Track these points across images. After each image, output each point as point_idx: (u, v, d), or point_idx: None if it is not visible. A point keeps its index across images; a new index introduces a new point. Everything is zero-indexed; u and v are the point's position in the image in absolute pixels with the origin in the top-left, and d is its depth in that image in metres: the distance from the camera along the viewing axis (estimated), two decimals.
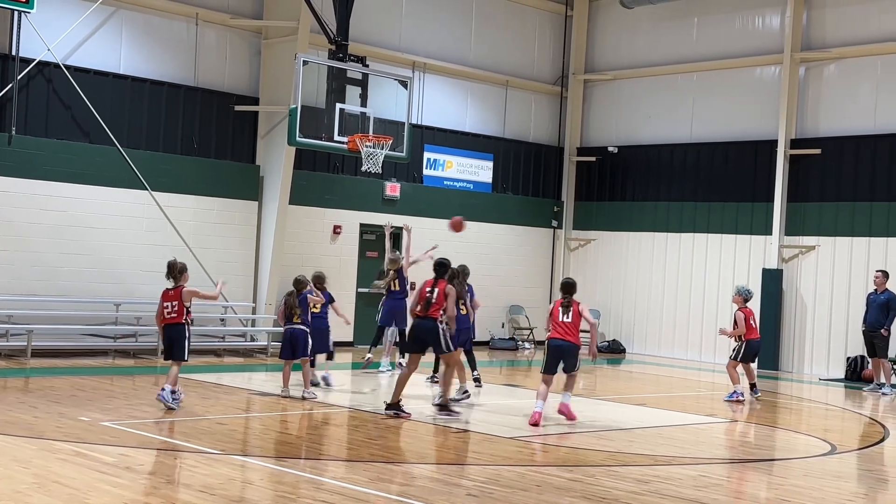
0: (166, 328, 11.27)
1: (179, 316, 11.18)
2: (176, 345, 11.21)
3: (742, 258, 20.91)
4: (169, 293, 11.27)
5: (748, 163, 21.07)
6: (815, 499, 8.49)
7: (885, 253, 18.90)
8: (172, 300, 11.20)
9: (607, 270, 23.06)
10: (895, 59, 19.23)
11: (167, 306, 11.21)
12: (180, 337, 11.19)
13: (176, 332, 11.20)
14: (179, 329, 11.20)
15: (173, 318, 11.19)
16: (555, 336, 11.55)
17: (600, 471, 9.07)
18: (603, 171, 23.37)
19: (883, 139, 19.27)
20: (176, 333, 11.20)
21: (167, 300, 11.24)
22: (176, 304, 11.19)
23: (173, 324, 11.21)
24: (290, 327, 12.63)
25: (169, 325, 11.24)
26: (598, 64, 23.71)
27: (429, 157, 21.39)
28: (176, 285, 11.26)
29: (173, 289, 11.26)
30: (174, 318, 11.19)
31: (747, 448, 11.48)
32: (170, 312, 11.20)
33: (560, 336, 11.50)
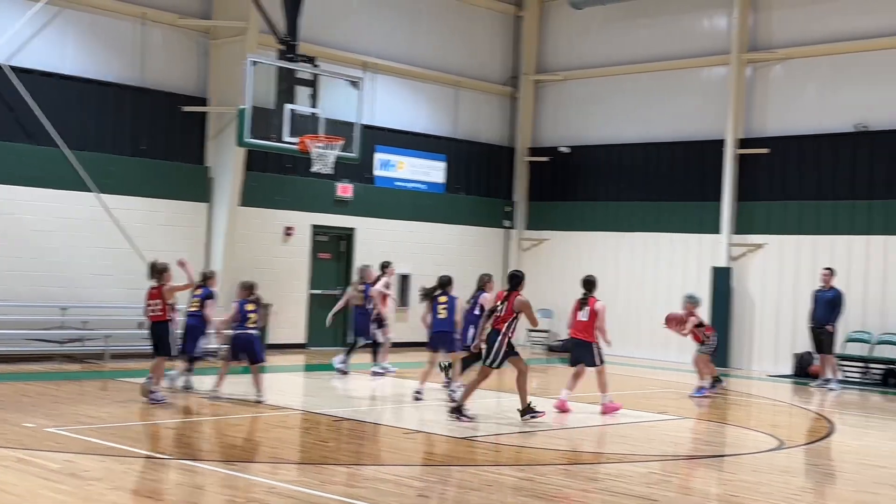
0: (152, 325, 11.89)
1: (164, 314, 11.79)
2: (161, 342, 11.86)
3: (692, 257, 21.11)
4: (152, 292, 11.86)
5: (697, 162, 21.28)
6: (764, 493, 8.58)
7: (832, 251, 19.19)
8: (156, 298, 11.81)
9: (560, 270, 23.15)
10: (840, 59, 19.54)
11: (150, 304, 11.83)
12: (164, 334, 11.82)
13: (160, 329, 11.83)
14: (163, 326, 11.81)
15: (158, 316, 11.82)
16: (571, 334, 13.01)
17: (552, 469, 9.10)
18: (555, 171, 23.47)
19: (828, 138, 19.56)
20: (160, 330, 11.84)
21: (151, 299, 11.87)
22: (159, 303, 11.80)
23: (158, 321, 11.83)
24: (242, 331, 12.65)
25: (154, 323, 11.87)
26: (549, 64, 23.82)
27: (380, 158, 21.34)
28: (158, 284, 11.77)
29: (156, 287, 11.80)
30: (159, 315, 11.82)
31: (697, 444, 11.58)
32: (153, 310, 11.83)
33: (573, 334, 12.87)
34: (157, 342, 11.92)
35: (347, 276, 20.74)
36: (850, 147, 19.29)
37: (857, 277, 18.81)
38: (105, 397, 12.76)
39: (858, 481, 9.46)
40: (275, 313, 13.15)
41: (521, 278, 12.01)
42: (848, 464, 10.51)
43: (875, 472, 9.88)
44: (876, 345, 18.45)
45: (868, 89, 19.19)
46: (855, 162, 19.24)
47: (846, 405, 15.56)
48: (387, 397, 14.28)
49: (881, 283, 18.65)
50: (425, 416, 12.41)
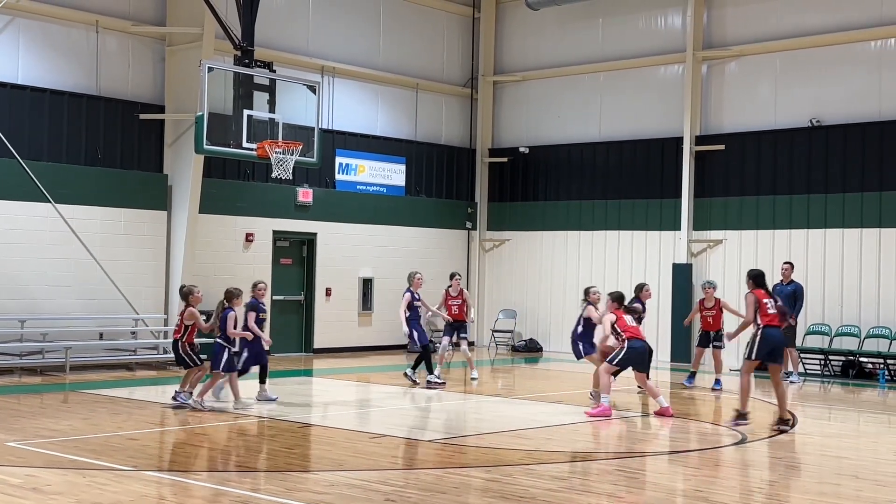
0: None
1: (176, 333, 12.81)
2: (177, 357, 12.88)
3: (652, 254, 21.28)
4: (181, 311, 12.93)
5: (655, 160, 21.45)
6: (728, 488, 8.66)
7: (789, 244, 19.43)
8: (180, 317, 12.83)
9: (522, 270, 23.25)
10: (793, 55, 19.79)
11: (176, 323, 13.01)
12: (175, 350, 12.78)
13: (174, 345, 12.87)
14: (175, 344, 12.78)
15: (175, 335, 12.88)
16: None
17: (518, 470, 9.12)
18: (515, 172, 23.55)
19: (783, 134, 19.81)
20: (174, 347, 12.85)
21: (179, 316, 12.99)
22: (178, 320, 12.87)
23: (174, 338, 12.87)
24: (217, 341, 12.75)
25: (174, 339, 12.93)
26: (507, 65, 23.90)
27: (341, 162, 21.29)
28: (186, 305, 12.80)
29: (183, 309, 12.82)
30: (175, 333, 12.93)
31: (662, 440, 11.66)
32: (176, 329, 12.88)
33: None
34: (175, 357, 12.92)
35: (310, 281, 20.68)
36: (805, 142, 19.54)
37: (815, 271, 19.05)
38: (66, 410, 12.61)
39: (821, 473, 9.58)
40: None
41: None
42: (810, 455, 10.64)
43: (837, 464, 10.00)
44: (835, 337, 18.70)
45: (821, 85, 19.45)
46: (810, 157, 19.49)
47: (807, 398, 15.74)
48: (351, 402, 14.24)
49: (838, 276, 18.91)
50: (391, 420, 12.39)
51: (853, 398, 16.10)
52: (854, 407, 15.17)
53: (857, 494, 8.50)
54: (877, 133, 18.71)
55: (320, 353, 20.33)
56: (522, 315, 23.07)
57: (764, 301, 12.04)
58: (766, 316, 11.96)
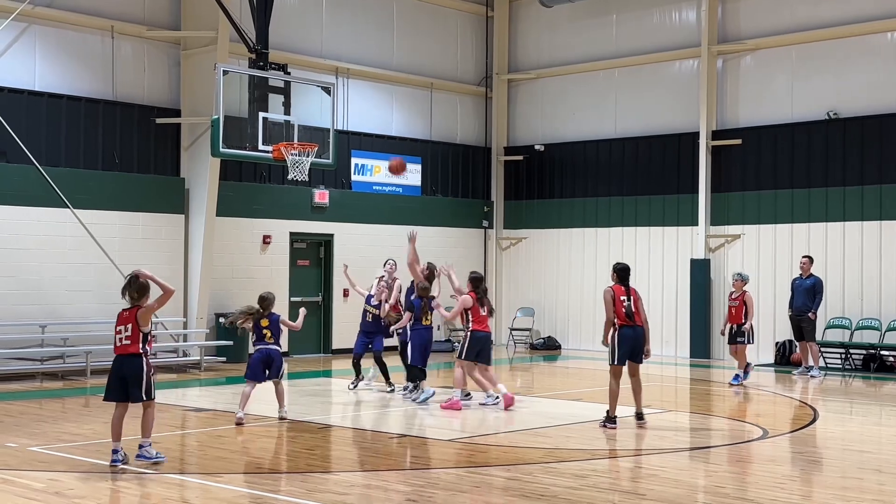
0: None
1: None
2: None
3: (670, 249, 21.21)
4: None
5: (672, 156, 21.38)
6: (750, 483, 8.63)
7: (808, 238, 19.33)
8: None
9: (539, 268, 23.22)
10: (808, 48, 19.69)
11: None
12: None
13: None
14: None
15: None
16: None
17: (538, 468, 9.11)
18: (531, 170, 23.53)
19: (800, 127, 19.70)
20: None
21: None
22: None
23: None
24: (266, 347, 12.03)
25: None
26: (521, 63, 23.87)
27: (356, 163, 21.32)
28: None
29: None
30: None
31: (682, 436, 11.62)
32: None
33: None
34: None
35: (327, 282, 20.72)
36: (822, 135, 19.43)
37: (835, 264, 18.94)
38: (87, 414, 12.68)
39: (843, 467, 9.53)
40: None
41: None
42: (832, 450, 10.59)
43: (859, 458, 9.95)
44: (855, 330, 18.59)
45: (837, 77, 19.34)
46: (827, 150, 19.38)
47: (828, 392, 15.66)
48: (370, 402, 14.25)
49: (858, 269, 18.79)
50: (409, 421, 12.40)
51: (874, 392, 16.00)
52: (875, 401, 15.07)
53: (881, 488, 8.46)
54: (893, 124, 18.58)
55: (338, 354, 20.36)
56: (540, 313, 23.04)
57: (620, 298, 11.50)
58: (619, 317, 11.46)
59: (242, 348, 18.51)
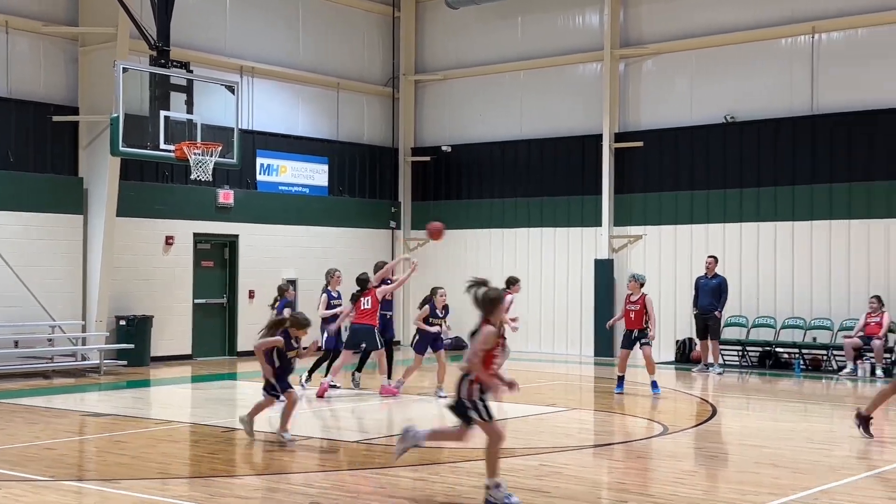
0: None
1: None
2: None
3: (575, 250, 21.51)
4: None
5: (576, 157, 21.68)
6: (651, 479, 8.79)
7: (707, 239, 19.81)
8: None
9: (447, 269, 23.26)
10: (707, 52, 20.18)
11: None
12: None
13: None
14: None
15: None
16: (355, 321, 14.24)
17: (445, 468, 9.14)
18: (438, 171, 23.59)
19: (699, 130, 20.19)
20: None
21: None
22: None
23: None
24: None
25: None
26: (428, 64, 23.92)
27: (262, 163, 21.07)
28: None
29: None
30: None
31: (586, 434, 11.79)
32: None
33: (357, 320, 14.17)
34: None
35: (232, 283, 20.44)
36: (721, 138, 19.94)
37: (732, 264, 19.45)
38: None
39: (740, 462, 9.79)
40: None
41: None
42: (730, 445, 10.86)
43: (756, 452, 10.22)
44: (752, 328, 19.12)
45: (735, 81, 19.87)
46: (725, 152, 19.89)
47: (727, 388, 16.07)
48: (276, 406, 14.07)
49: (755, 269, 19.33)
50: (318, 423, 12.31)
51: (770, 388, 16.48)
52: (771, 396, 15.53)
53: (776, 482, 8.70)
54: (789, 128, 19.18)
55: (244, 357, 20.08)
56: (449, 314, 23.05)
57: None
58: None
59: (144, 351, 18.17)
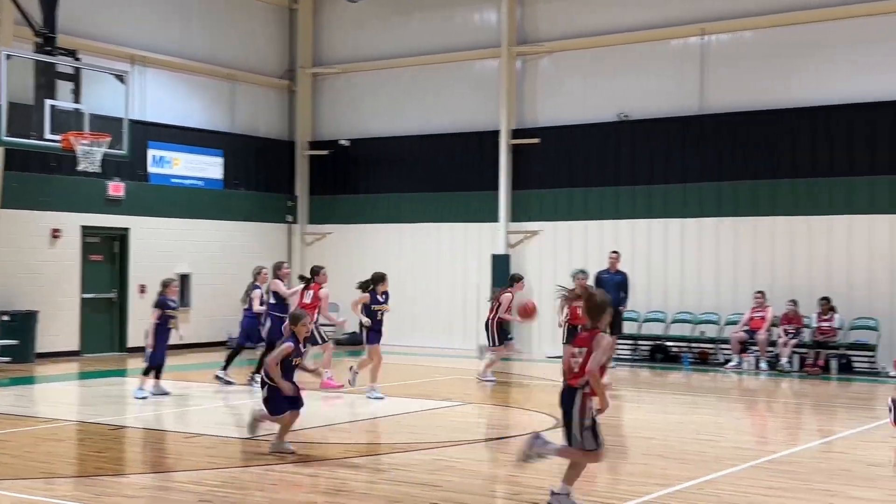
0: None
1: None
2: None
3: (472, 245, 21.63)
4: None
5: (474, 153, 21.80)
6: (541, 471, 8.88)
7: (601, 235, 20.15)
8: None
9: (345, 263, 23.09)
10: (602, 51, 20.49)
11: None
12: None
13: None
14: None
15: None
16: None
17: (338, 464, 9.08)
18: (336, 165, 23.43)
19: (594, 127, 20.50)
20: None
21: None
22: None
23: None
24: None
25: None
26: (326, 57, 23.73)
27: (154, 155, 20.58)
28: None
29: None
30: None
31: (480, 428, 11.87)
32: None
33: None
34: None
35: (123, 278, 19.93)
36: (614, 136, 20.29)
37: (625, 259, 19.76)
38: None
39: (630, 454, 9.98)
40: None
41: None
42: (620, 437, 11.06)
43: (646, 444, 10.44)
44: (643, 322, 19.54)
45: (627, 80, 20.23)
46: (619, 150, 20.26)
47: (618, 381, 16.35)
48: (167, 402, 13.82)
49: (645, 264, 19.73)
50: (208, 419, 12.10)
51: (660, 381, 16.86)
52: (661, 389, 15.89)
53: (664, 473, 8.90)
54: (679, 127, 19.63)
55: (135, 352, 19.61)
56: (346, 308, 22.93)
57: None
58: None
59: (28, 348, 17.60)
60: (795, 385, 16.14)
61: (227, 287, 20.92)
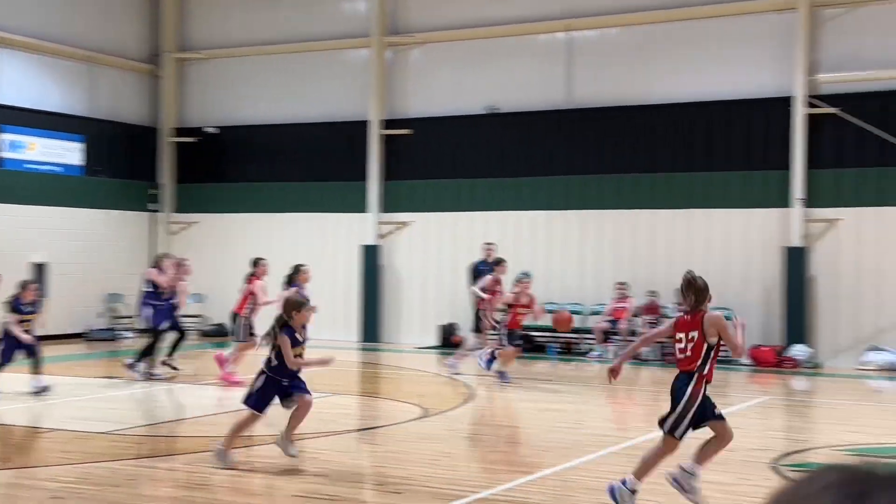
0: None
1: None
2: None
3: (342, 236, 21.51)
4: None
5: (345, 143, 21.67)
6: (407, 461, 8.93)
7: (471, 226, 20.29)
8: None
9: (212, 253, 22.69)
10: (472, 44, 20.63)
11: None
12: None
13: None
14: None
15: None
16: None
17: (199, 458, 8.90)
18: (204, 152, 22.93)
19: (464, 119, 20.64)
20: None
21: None
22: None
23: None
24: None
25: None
26: (193, 42, 23.17)
27: (8, 139, 19.73)
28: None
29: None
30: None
31: (346, 419, 11.82)
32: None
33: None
34: None
35: None
36: (485, 128, 20.49)
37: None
38: None
39: (493, 442, 10.13)
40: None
41: None
42: (486, 426, 11.22)
43: (508, 432, 10.63)
44: None
45: (497, 73, 20.44)
46: (489, 142, 20.46)
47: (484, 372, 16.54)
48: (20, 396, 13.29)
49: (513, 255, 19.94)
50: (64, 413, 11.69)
51: (526, 371, 17.12)
52: (526, 378, 16.14)
53: (525, 460, 9.07)
54: (547, 121, 19.94)
55: None
56: (213, 299, 22.54)
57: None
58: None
59: None
60: (656, 373, 16.63)
61: (86, 276, 20.29)
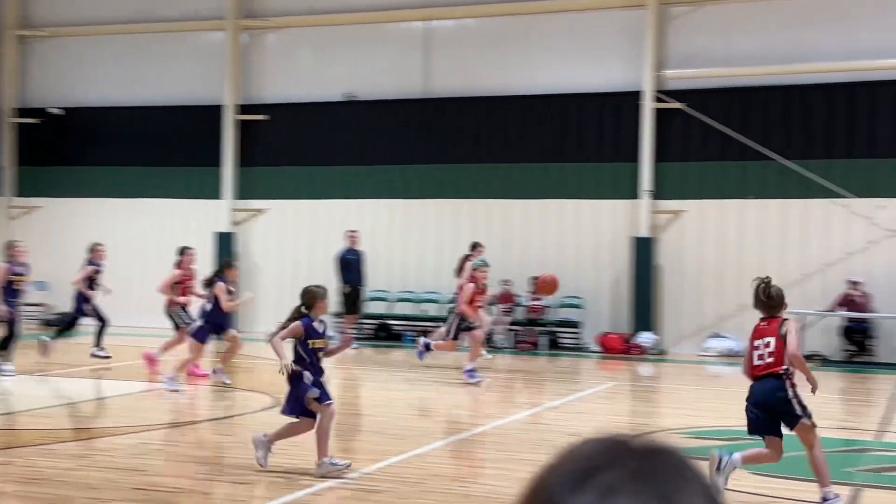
0: None
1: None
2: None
3: (194, 222, 20.96)
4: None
5: (198, 128, 21.13)
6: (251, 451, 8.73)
7: (329, 214, 20.10)
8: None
9: (57, 239, 21.76)
10: (329, 30, 20.43)
11: None
12: None
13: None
14: None
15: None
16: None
17: (34, 451, 8.49)
18: (48, 135, 21.96)
19: (323, 106, 20.41)
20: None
21: None
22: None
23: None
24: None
25: None
26: (37, 19, 22.15)
27: None
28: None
29: None
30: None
31: (193, 410, 11.52)
32: None
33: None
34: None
35: None
36: (343, 115, 20.30)
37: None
38: None
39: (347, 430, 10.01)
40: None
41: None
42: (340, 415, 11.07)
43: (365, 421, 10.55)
44: (369, 301, 19.70)
45: (355, 61, 20.28)
46: (347, 129, 20.28)
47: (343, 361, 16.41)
48: None
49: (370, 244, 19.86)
50: None
51: (384, 359, 17.10)
52: (384, 367, 16.11)
53: (377, 448, 9.00)
54: (405, 109, 19.91)
55: None
56: (57, 286, 21.62)
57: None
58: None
59: None
60: (508, 361, 16.86)
61: None
